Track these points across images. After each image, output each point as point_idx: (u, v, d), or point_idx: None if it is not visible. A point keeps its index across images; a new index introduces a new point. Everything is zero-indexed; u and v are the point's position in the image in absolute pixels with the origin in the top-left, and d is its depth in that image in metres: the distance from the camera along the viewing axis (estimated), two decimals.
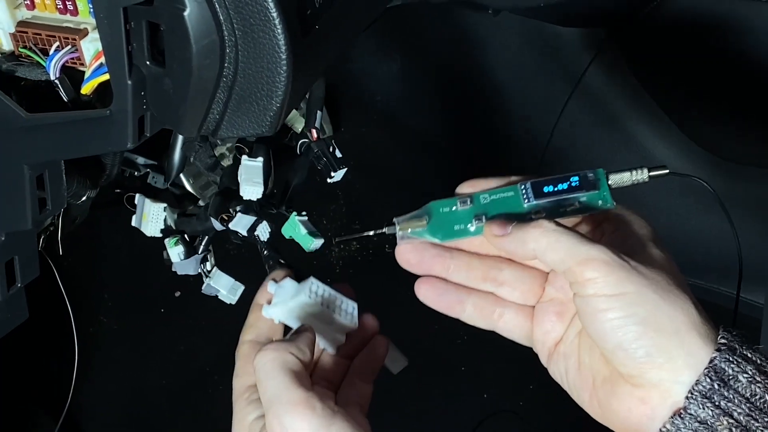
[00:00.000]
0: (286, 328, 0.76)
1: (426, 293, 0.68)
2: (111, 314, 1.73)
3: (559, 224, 0.60)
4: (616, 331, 0.57)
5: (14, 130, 0.65)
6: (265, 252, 0.87)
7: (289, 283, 0.76)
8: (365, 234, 0.72)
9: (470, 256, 0.69)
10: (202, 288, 0.98)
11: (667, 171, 0.66)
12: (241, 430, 0.67)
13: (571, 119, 1.45)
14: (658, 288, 0.58)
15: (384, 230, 0.69)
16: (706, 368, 0.56)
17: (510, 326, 0.69)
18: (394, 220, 0.69)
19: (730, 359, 0.56)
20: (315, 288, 0.74)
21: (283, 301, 0.74)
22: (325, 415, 0.60)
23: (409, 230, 0.68)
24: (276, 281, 0.77)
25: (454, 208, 0.68)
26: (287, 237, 0.88)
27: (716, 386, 0.55)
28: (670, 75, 1.37)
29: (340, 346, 0.75)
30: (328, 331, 0.73)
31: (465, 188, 0.69)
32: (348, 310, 0.75)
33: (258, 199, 0.89)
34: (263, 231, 0.88)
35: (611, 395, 0.60)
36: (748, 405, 0.55)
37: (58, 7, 0.65)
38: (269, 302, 0.75)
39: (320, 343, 0.73)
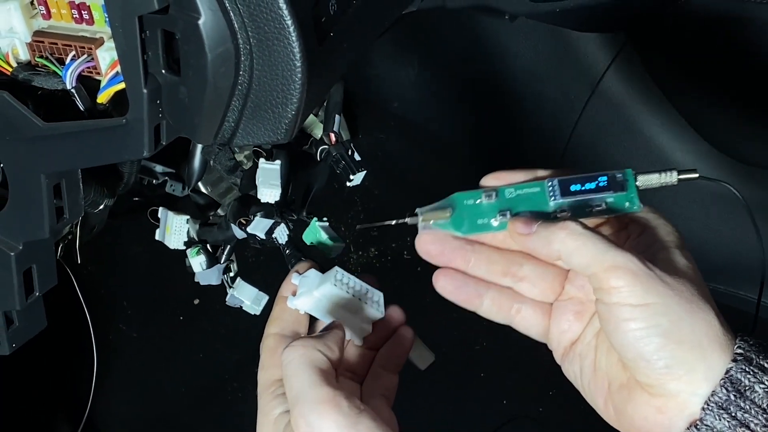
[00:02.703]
0: (312, 320, 0.75)
1: (444, 285, 0.67)
2: (130, 322, 1.73)
3: (585, 226, 0.60)
4: (638, 341, 0.56)
5: (31, 140, 0.66)
6: (287, 251, 0.86)
7: (313, 274, 0.75)
8: (386, 223, 0.71)
9: (491, 250, 0.68)
10: (226, 299, 0.97)
11: (697, 175, 0.64)
12: (266, 424, 0.65)
13: (589, 124, 1.44)
14: (682, 299, 0.57)
15: (406, 220, 0.68)
16: (722, 379, 0.55)
17: (527, 322, 0.68)
18: (417, 210, 0.67)
19: (746, 369, 0.55)
20: (340, 277, 0.72)
21: (308, 291, 0.72)
22: (351, 414, 0.59)
23: (432, 222, 0.67)
24: (300, 273, 0.76)
25: (478, 201, 0.66)
26: (308, 243, 0.87)
27: (732, 397, 0.55)
28: (689, 78, 1.37)
29: (366, 336, 0.74)
30: (354, 321, 0.72)
31: (489, 180, 0.68)
32: (374, 299, 0.73)
33: (277, 203, 0.89)
34: (281, 234, 0.87)
35: (627, 402, 0.59)
36: (765, 416, 0.55)
37: (74, 16, 0.65)
38: (294, 294, 0.74)
39: (346, 334, 0.70)
